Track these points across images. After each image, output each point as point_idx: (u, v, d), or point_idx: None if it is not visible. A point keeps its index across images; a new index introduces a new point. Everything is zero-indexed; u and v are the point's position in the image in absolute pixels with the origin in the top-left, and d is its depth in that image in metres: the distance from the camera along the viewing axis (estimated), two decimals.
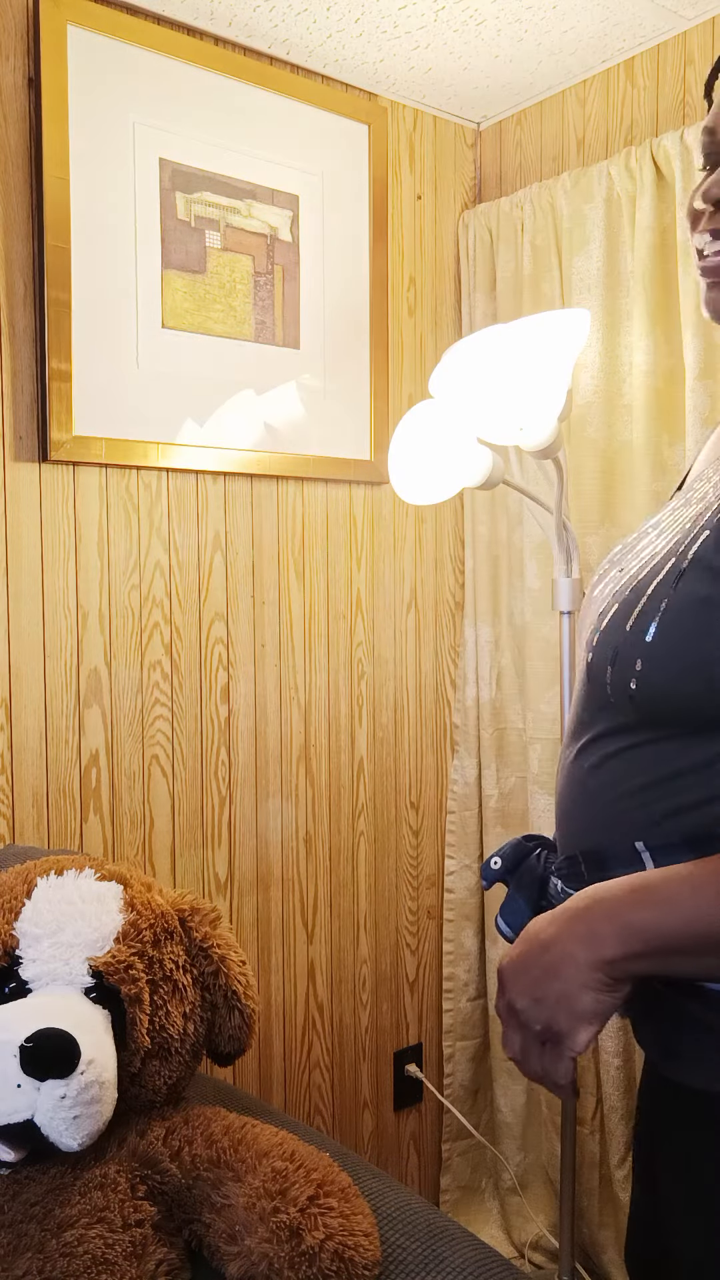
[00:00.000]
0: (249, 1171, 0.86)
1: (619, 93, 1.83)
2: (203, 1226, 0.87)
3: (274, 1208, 0.83)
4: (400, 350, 1.98)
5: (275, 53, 1.78)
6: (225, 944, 1.01)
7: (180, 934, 0.99)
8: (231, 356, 1.73)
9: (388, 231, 1.92)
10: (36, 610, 1.58)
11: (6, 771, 1.55)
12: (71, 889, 0.96)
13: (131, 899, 0.97)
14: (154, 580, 1.69)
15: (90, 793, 1.63)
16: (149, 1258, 0.83)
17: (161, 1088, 0.95)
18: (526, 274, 1.89)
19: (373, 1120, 2.01)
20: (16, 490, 1.55)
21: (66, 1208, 0.83)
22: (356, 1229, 0.83)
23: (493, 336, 1.46)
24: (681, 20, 1.69)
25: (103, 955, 0.92)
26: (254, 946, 1.83)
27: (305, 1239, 0.81)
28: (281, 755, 1.84)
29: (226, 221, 1.72)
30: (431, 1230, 0.90)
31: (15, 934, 0.93)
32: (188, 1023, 0.96)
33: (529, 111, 1.98)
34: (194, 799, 1.74)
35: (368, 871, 1.97)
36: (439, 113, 2.02)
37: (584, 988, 0.69)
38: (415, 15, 1.66)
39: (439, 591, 2.07)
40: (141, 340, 1.64)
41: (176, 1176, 0.88)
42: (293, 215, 1.80)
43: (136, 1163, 0.88)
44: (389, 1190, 0.95)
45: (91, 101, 1.57)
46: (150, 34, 1.62)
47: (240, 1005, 0.99)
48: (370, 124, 1.87)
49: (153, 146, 1.63)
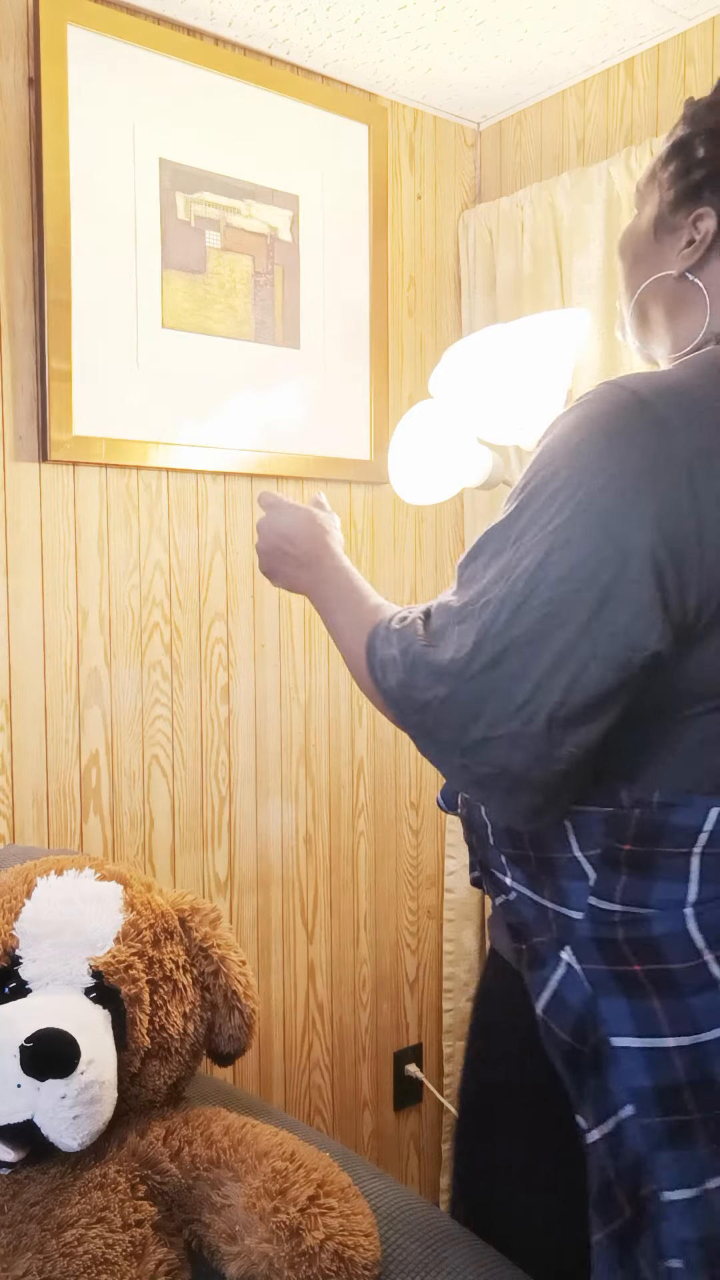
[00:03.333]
0: (249, 1171, 0.86)
1: (619, 93, 1.83)
2: (203, 1226, 0.87)
3: (274, 1207, 0.83)
4: (400, 350, 1.98)
5: (275, 53, 1.78)
6: (225, 944, 1.01)
7: (180, 934, 0.99)
8: (231, 356, 1.73)
9: (388, 231, 1.92)
10: (36, 610, 1.58)
11: (6, 771, 1.55)
12: (71, 889, 0.96)
13: (131, 899, 0.97)
14: (154, 580, 1.69)
15: (90, 793, 1.63)
16: (149, 1258, 0.83)
17: (161, 1088, 0.95)
18: (526, 274, 1.89)
19: (373, 1120, 2.01)
20: (16, 490, 1.55)
21: (66, 1208, 0.83)
22: (356, 1229, 0.83)
23: (493, 336, 1.46)
24: (681, 20, 1.69)
25: (103, 955, 0.92)
26: (254, 946, 1.83)
27: (305, 1239, 0.81)
28: (281, 755, 1.84)
29: (226, 221, 1.72)
30: (432, 1230, 0.90)
31: (15, 934, 0.93)
32: (188, 1023, 0.96)
33: (529, 111, 1.98)
34: (194, 799, 1.74)
35: (368, 871, 1.97)
36: (439, 113, 2.02)
37: (287, 580, 1.07)
38: (415, 15, 1.66)
39: (439, 591, 2.06)
40: (141, 340, 1.64)
41: (176, 1176, 0.88)
42: (293, 215, 1.80)
43: (136, 1163, 0.88)
44: (389, 1190, 0.95)
45: (91, 101, 1.57)
46: (150, 34, 1.61)
47: (240, 1005, 1.00)
48: (370, 124, 1.87)
49: (153, 146, 1.63)
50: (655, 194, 0.91)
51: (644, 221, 0.93)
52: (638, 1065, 0.79)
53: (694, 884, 0.80)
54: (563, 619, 0.73)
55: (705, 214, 0.86)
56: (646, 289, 0.92)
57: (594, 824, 0.83)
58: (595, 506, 0.73)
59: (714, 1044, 0.78)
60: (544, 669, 0.74)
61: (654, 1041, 0.79)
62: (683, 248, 0.88)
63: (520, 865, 0.89)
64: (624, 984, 0.81)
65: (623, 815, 0.81)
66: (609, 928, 0.82)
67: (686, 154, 0.88)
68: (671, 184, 0.89)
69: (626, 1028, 0.80)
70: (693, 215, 0.87)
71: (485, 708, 0.75)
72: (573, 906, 0.85)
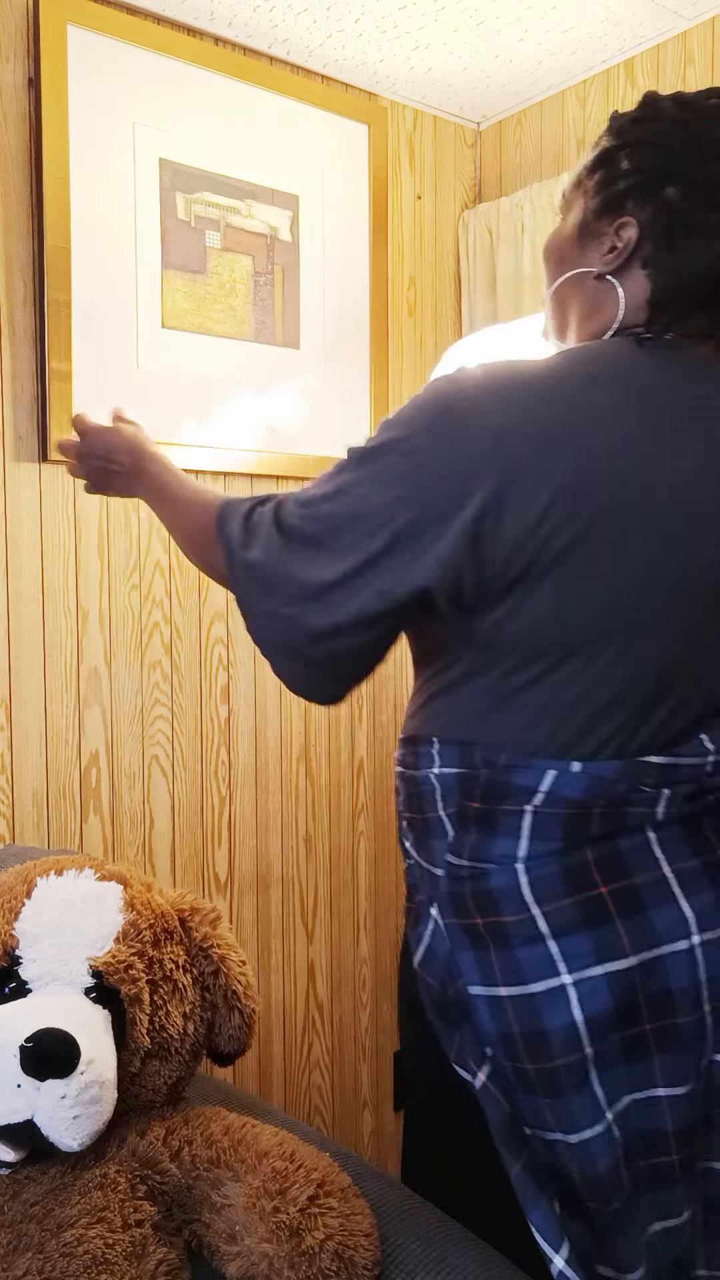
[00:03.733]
0: (249, 1171, 0.86)
1: (619, 93, 1.83)
2: (202, 1226, 0.87)
3: (274, 1207, 0.83)
4: (400, 350, 1.98)
5: (275, 53, 1.78)
6: (225, 944, 1.01)
7: (180, 934, 0.99)
8: (231, 356, 1.73)
9: (387, 231, 1.92)
10: (36, 610, 1.58)
11: (6, 771, 1.55)
12: (71, 889, 0.96)
13: (131, 899, 0.97)
14: (154, 580, 1.69)
15: (90, 793, 1.63)
16: (149, 1258, 0.82)
17: (161, 1088, 0.95)
18: (527, 274, 1.89)
19: (373, 1120, 2.01)
20: (16, 490, 1.55)
21: (66, 1208, 0.83)
22: (357, 1229, 0.83)
23: (493, 336, 1.47)
24: (681, 20, 1.69)
25: (103, 955, 0.92)
26: (254, 946, 1.82)
27: (305, 1239, 0.81)
28: (281, 755, 1.84)
29: (226, 221, 1.72)
30: (434, 1231, 0.90)
31: (15, 934, 0.93)
32: (187, 1023, 0.96)
33: (529, 111, 1.98)
34: (194, 799, 1.74)
35: (368, 871, 1.97)
36: (439, 113, 2.02)
37: (120, 491, 1.16)
38: (415, 15, 1.66)
39: None
40: (141, 340, 1.64)
41: (176, 1176, 0.88)
42: (292, 215, 1.80)
43: (136, 1163, 0.88)
44: (390, 1190, 0.95)
45: (91, 101, 1.57)
46: (150, 34, 1.62)
47: (240, 1005, 0.99)
48: (370, 124, 1.87)
49: (153, 146, 1.63)
50: (581, 201, 0.97)
51: (569, 226, 0.99)
52: (486, 1012, 0.86)
53: (525, 839, 0.86)
54: (359, 546, 0.85)
55: (628, 223, 0.91)
56: (567, 285, 0.99)
57: (453, 784, 0.90)
58: (411, 461, 0.84)
59: (542, 997, 0.84)
60: (333, 577, 0.86)
61: (492, 990, 0.86)
62: (605, 253, 0.94)
63: (412, 829, 0.96)
64: (471, 936, 0.88)
65: (474, 775, 0.88)
66: (459, 883, 0.89)
67: (612, 165, 0.94)
68: (597, 192, 0.95)
69: (475, 977, 0.87)
70: (616, 223, 0.93)
71: (279, 589, 0.88)
72: (437, 864, 0.92)
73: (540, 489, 0.81)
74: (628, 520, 0.83)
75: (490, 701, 0.88)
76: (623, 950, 0.85)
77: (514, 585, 0.83)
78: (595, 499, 0.82)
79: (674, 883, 0.87)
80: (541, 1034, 0.84)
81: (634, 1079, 0.85)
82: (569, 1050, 0.83)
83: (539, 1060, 0.84)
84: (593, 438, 0.83)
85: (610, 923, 0.85)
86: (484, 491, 0.81)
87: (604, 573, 0.83)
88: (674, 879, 0.87)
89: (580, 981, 0.84)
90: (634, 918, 0.85)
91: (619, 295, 0.93)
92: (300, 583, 0.87)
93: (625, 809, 0.86)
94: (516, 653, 0.86)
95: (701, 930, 0.86)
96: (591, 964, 0.84)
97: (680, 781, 0.87)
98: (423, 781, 0.93)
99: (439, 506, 0.82)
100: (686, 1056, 0.86)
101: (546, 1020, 0.84)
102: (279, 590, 0.88)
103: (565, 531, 0.81)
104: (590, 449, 0.82)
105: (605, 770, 0.85)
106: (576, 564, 0.82)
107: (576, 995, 0.84)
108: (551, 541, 0.82)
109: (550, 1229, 0.81)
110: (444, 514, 0.82)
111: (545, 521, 0.81)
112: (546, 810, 0.86)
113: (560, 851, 0.86)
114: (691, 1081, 0.87)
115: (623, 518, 0.82)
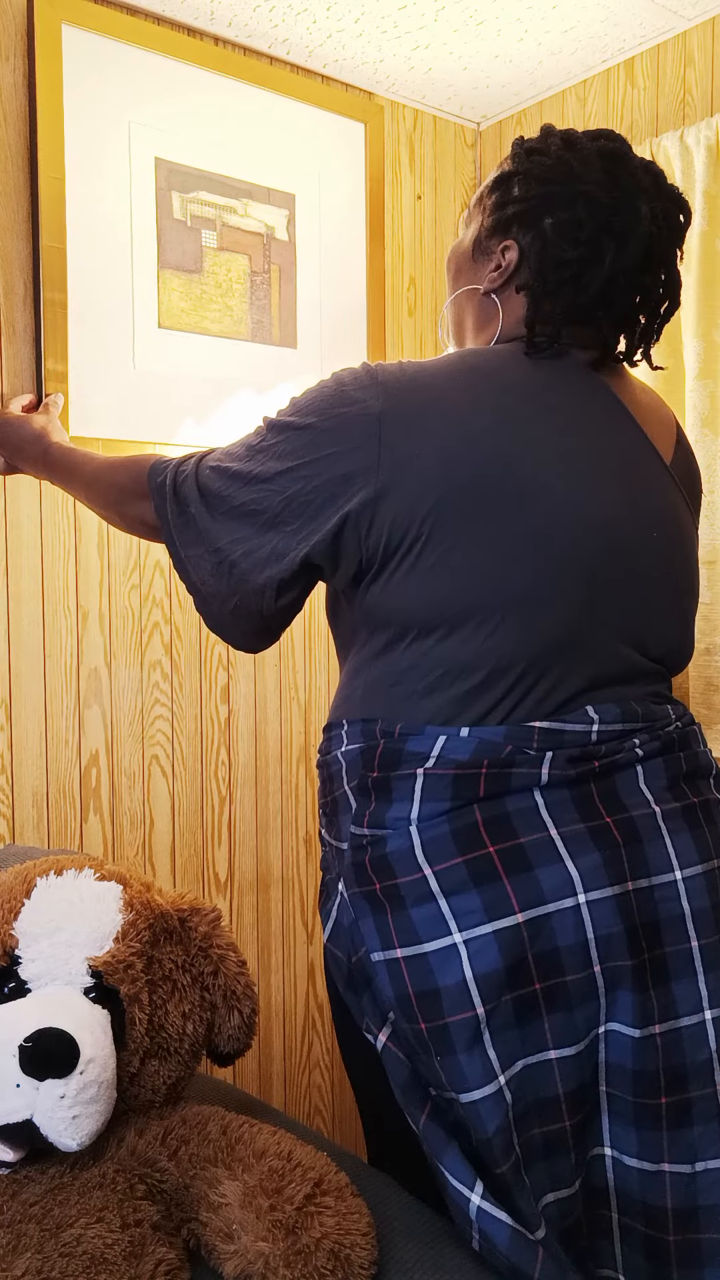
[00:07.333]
0: (246, 1170, 0.86)
1: (619, 93, 1.83)
2: (200, 1225, 0.87)
3: (270, 1205, 0.83)
4: (400, 350, 1.98)
5: (275, 53, 1.78)
6: (225, 944, 1.01)
7: (180, 934, 0.99)
8: (229, 356, 1.73)
9: (384, 230, 1.92)
10: (36, 610, 1.58)
11: (6, 771, 1.55)
12: (71, 889, 0.96)
13: (131, 899, 0.97)
14: (154, 580, 1.69)
15: (90, 793, 1.63)
16: (148, 1257, 0.83)
17: (161, 1087, 0.95)
18: None
19: None
20: (16, 490, 1.55)
21: (65, 1207, 0.83)
22: (353, 1228, 0.83)
23: None
24: (681, 20, 1.69)
25: (102, 955, 0.92)
26: (254, 946, 1.83)
27: (301, 1237, 0.81)
28: (281, 755, 1.85)
29: (223, 221, 1.72)
30: (431, 1231, 0.90)
31: (15, 934, 0.93)
32: (187, 1022, 0.96)
33: (529, 111, 1.98)
34: (194, 799, 1.74)
35: None
36: (439, 112, 2.02)
37: (31, 473, 1.33)
38: (415, 15, 1.66)
39: None
40: (138, 340, 1.64)
41: (174, 1175, 0.88)
42: (289, 214, 1.80)
43: (135, 1162, 0.88)
44: (389, 1190, 0.95)
45: (87, 101, 1.57)
46: (146, 33, 1.62)
47: (240, 1005, 1.00)
48: (366, 122, 1.87)
49: (149, 146, 1.63)
50: (479, 218, 1.04)
51: (466, 240, 1.07)
52: (385, 976, 0.89)
53: (417, 802, 0.91)
54: (257, 514, 0.95)
55: (511, 246, 1.00)
56: (462, 297, 1.07)
57: (356, 758, 0.96)
58: (303, 438, 0.94)
59: (434, 956, 0.87)
60: (234, 537, 0.96)
61: (389, 954, 0.89)
62: (490, 270, 1.03)
63: (324, 812, 1.02)
64: (371, 903, 0.91)
65: (374, 747, 0.95)
66: (360, 851, 0.93)
67: (505, 189, 1.01)
68: (491, 213, 1.02)
69: (375, 943, 0.90)
70: (502, 245, 1.01)
71: (205, 540, 0.98)
72: (343, 839, 0.97)
73: (410, 470, 0.90)
74: (488, 503, 0.91)
75: (389, 677, 0.96)
76: (511, 908, 0.87)
77: (392, 558, 0.92)
78: (456, 479, 0.90)
79: (560, 844, 0.90)
80: (434, 992, 0.87)
81: (526, 1042, 0.88)
82: (459, 1008, 0.86)
83: (432, 1018, 0.86)
84: (459, 424, 0.92)
85: (498, 881, 0.88)
86: (364, 470, 0.91)
87: (470, 550, 0.90)
88: (560, 840, 0.90)
89: (470, 940, 0.87)
90: (521, 876, 0.88)
91: (500, 312, 1.02)
92: (213, 538, 0.98)
93: (510, 769, 0.90)
94: (408, 628, 0.94)
95: (587, 890, 0.89)
96: (481, 922, 0.87)
97: (563, 746, 0.92)
98: (333, 763, 1.00)
99: (326, 481, 0.92)
100: (575, 1016, 0.89)
101: (439, 978, 0.87)
102: (204, 540, 0.99)
103: (432, 510, 0.90)
104: (455, 434, 0.91)
105: (491, 734, 0.91)
106: (445, 541, 0.90)
107: (467, 953, 0.87)
108: (423, 520, 0.90)
109: (462, 1170, 0.84)
110: (330, 489, 0.92)
111: (419, 501, 0.90)
112: (436, 772, 0.91)
113: (450, 812, 0.90)
114: (582, 1041, 0.89)
115: (482, 501, 0.91)
